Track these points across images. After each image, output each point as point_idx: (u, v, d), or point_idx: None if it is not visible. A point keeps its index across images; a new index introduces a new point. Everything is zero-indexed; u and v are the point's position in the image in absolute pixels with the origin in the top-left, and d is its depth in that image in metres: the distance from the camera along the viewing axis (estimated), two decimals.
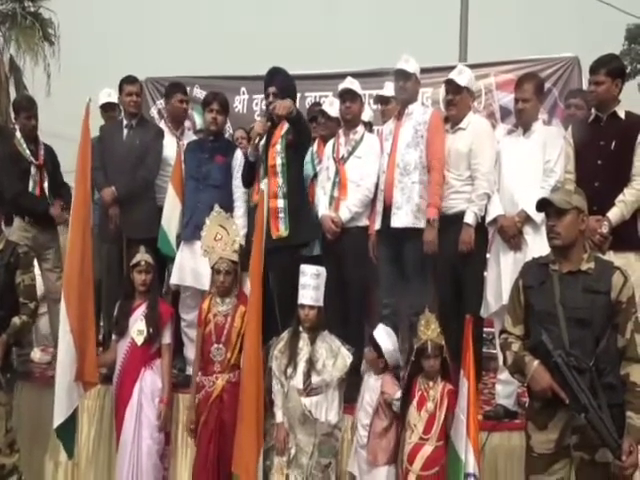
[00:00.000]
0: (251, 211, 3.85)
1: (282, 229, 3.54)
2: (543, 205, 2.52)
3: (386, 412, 2.96)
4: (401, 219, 3.46)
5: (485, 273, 3.48)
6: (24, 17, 13.28)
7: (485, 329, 3.70)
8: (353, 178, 3.63)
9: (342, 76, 3.99)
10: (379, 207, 3.59)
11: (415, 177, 3.47)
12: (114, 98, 4.44)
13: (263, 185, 3.29)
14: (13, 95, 12.41)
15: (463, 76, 3.51)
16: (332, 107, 3.90)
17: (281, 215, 3.56)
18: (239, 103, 5.66)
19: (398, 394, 2.94)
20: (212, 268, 3.36)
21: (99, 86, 4.57)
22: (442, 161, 3.46)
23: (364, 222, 3.65)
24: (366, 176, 3.63)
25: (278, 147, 3.62)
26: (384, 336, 3.07)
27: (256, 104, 5.58)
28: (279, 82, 3.65)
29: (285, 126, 3.65)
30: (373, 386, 3.05)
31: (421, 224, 3.44)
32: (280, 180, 3.58)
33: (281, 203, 3.57)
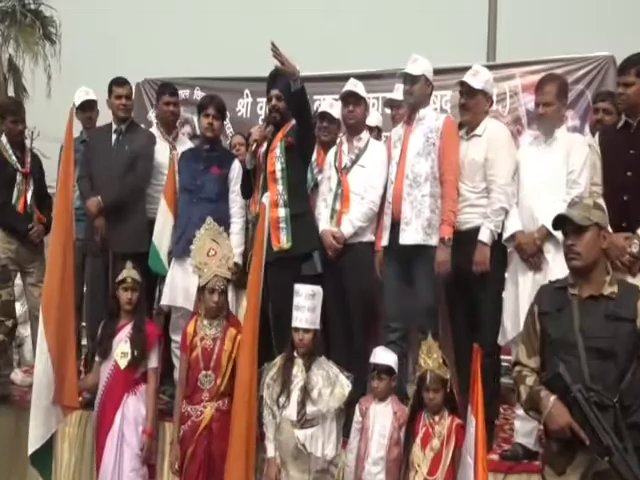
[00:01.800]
0: (249, 224, 3.84)
1: (284, 240, 3.52)
2: (561, 222, 2.46)
3: (400, 436, 2.93)
4: (410, 235, 3.41)
5: (503, 295, 3.42)
6: (24, 15, 13.55)
7: (506, 357, 3.62)
8: (356, 189, 3.60)
9: (355, 77, 3.97)
10: (386, 221, 3.55)
11: (426, 189, 3.42)
12: (92, 95, 4.47)
13: (265, 198, 3.26)
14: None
15: (478, 78, 3.46)
16: (333, 108, 3.89)
17: (282, 225, 3.53)
18: (242, 107, 5.67)
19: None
20: (204, 287, 3.31)
21: (102, 88, 4.60)
22: (457, 174, 3.41)
23: (369, 237, 3.62)
24: (371, 187, 3.59)
25: (277, 151, 3.60)
26: (384, 355, 3.05)
27: (260, 108, 5.59)
28: (283, 84, 3.64)
29: (287, 130, 3.63)
30: (382, 413, 3.01)
31: (432, 241, 3.40)
32: (280, 187, 3.56)
33: (282, 212, 3.55)
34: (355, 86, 3.72)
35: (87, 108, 4.48)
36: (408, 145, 3.51)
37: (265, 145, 3.68)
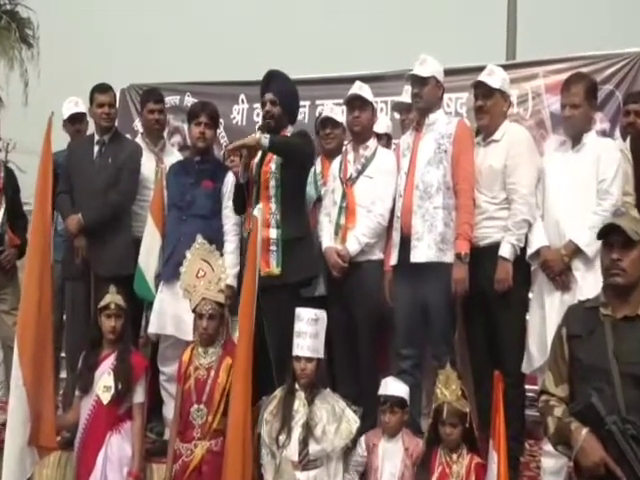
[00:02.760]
0: (244, 243, 3.87)
1: (273, 265, 3.54)
2: (605, 233, 2.46)
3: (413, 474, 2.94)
4: (422, 252, 3.42)
5: (527, 318, 3.42)
6: None
7: (531, 386, 3.61)
8: (363, 202, 3.62)
9: (361, 79, 4.02)
10: (396, 238, 3.56)
11: (438, 201, 3.44)
12: (82, 107, 4.52)
13: (256, 211, 3.26)
14: None
15: (494, 77, 3.50)
16: (334, 113, 3.94)
17: (273, 248, 3.55)
18: (237, 113, 5.72)
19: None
20: (193, 311, 3.37)
21: (84, 95, 4.64)
22: (472, 182, 3.43)
23: (377, 255, 3.63)
24: (378, 200, 3.61)
25: (272, 166, 3.62)
26: (395, 386, 3.07)
27: (257, 114, 5.61)
28: (277, 87, 3.68)
29: None
30: (392, 451, 3.03)
31: (446, 257, 3.41)
32: (273, 206, 3.59)
33: (274, 233, 3.56)
34: (361, 89, 3.76)
35: (77, 120, 4.53)
36: (417, 153, 3.54)
37: (258, 156, 3.67)
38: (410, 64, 3.77)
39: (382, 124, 4.26)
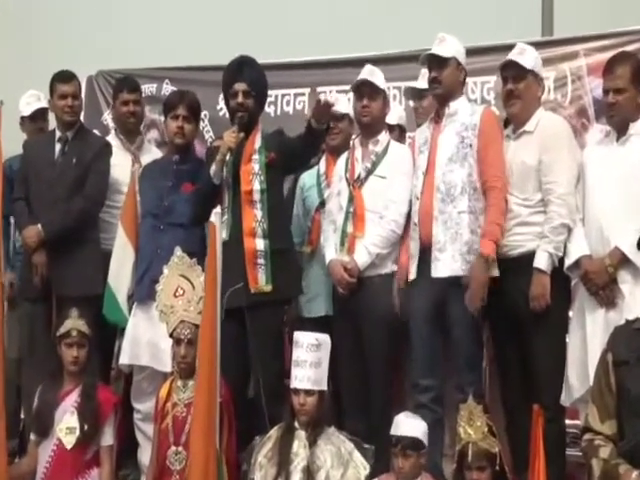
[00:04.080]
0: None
1: (262, 281, 3.58)
2: None
3: None
4: (446, 265, 3.44)
5: (567, 340, 3.43)
6: None
7: (571, 421, 3.62)
8: (374, 207, 3.65)
9: (371, 62, 4.07)
10: (414, 249, 3.58)
11: (463, 204, 3.46)
12: (43, 102, 4.56)
13: (213, 217, 3.18)
14: None
15: (526, 56, 3.52)
16: (339, 103, 3.94)
17: (261, 261, 3.59)
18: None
19: None
20: (170, 336, 3.39)
21: (44, 84, 4.65)
22: (503, 179, 3.44)
23: (390, 268, 3.66)
24: (392, 203, 3.64)
25: (255, 166, 3.68)
26: (409, 423, 3.07)
27: None
28: (251, 77, 3.74)
29: (258, 137, 3.72)
30: None
31: None
32: (259, 213, 3.63)
33: (261, 244, 3.60)
34: (372, 74, 3.79)
35: (39, 117, 4.57)
36: (437, 149, 3.56)
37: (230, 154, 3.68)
38: (427, 43, 3.81)
39: (394, 114, 4.28)
